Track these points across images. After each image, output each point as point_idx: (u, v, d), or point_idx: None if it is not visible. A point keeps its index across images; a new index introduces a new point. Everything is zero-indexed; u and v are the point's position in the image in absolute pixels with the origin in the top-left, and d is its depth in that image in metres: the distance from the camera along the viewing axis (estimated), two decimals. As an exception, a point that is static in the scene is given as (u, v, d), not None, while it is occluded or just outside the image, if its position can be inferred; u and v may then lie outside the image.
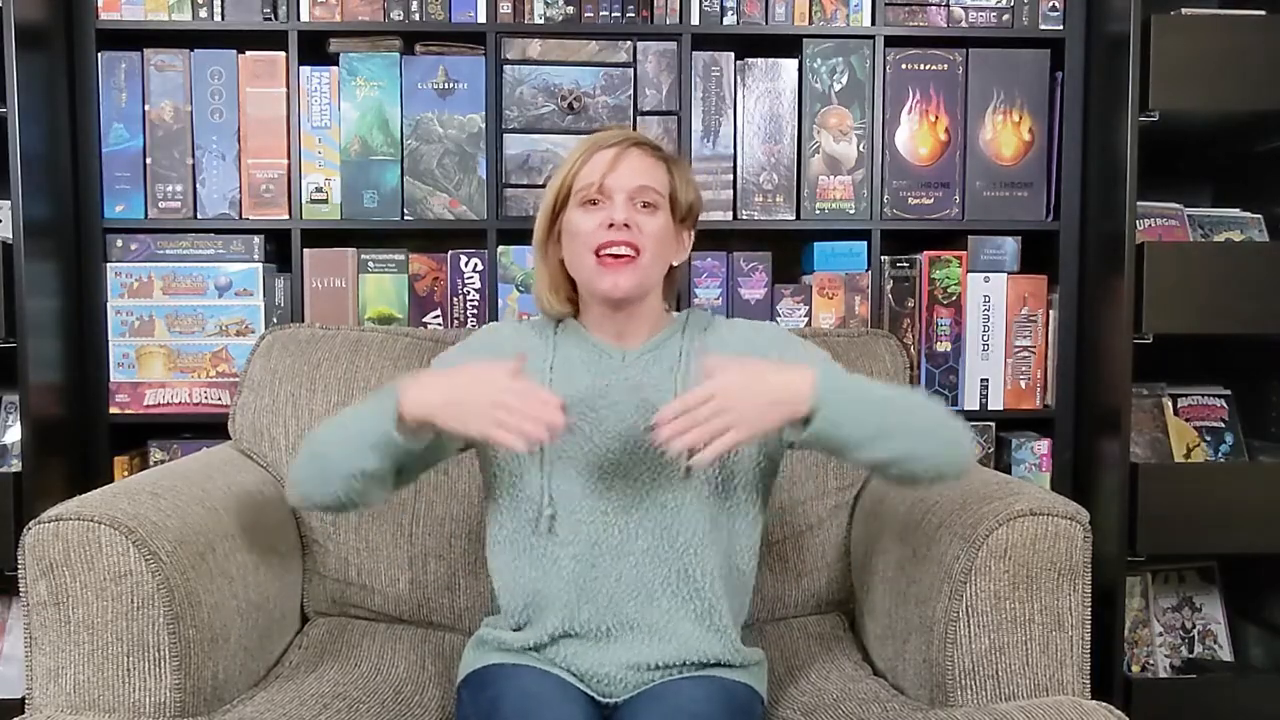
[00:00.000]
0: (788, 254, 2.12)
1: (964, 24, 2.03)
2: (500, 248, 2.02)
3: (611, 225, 1.29)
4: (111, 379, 1.98)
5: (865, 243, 2.04)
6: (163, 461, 1.96)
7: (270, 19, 1.98)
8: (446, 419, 1.19)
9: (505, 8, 2.00)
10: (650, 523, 1.29)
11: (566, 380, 1.34)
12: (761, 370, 1.20)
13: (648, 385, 1.34)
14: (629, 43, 2.00)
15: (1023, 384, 2.05)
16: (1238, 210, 2.13)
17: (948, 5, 2.03)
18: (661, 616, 1.29)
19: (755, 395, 1.16)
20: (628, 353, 1.36)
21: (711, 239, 2.02)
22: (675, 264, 1.39)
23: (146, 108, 1.98)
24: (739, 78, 2.03)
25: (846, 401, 1.18)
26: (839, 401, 1.17)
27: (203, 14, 1.97)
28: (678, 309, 1.56)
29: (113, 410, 1.98)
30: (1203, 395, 2.10)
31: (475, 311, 2.02)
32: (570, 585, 1.29)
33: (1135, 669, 2.08)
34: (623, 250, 1.29)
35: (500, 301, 2.02)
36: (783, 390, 1.17)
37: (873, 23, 2.03)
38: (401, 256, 2.02)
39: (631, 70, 2.00)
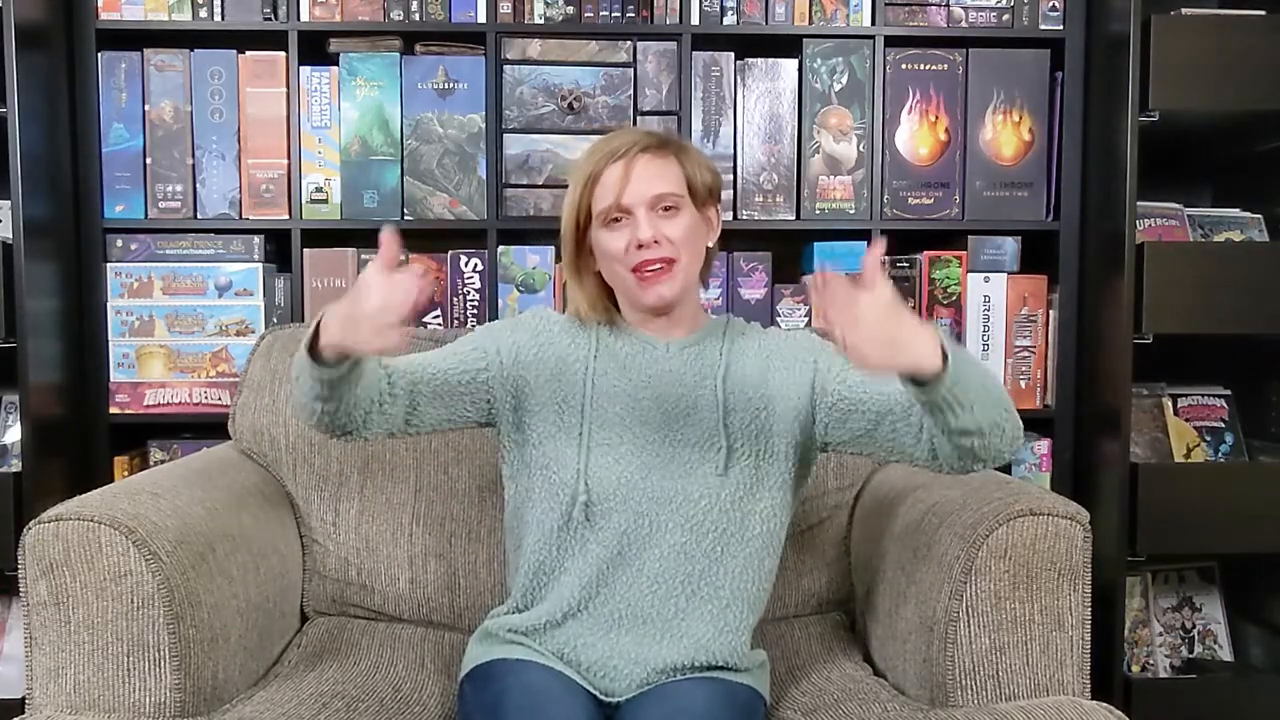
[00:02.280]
0: (788, 254, 2.11)
1: (964, 24, 2.03)
2: (500, 248, 2.01)
3: (641, 246, 1.29)
4: (111, 379, 1.98)
5: (865, 243, 2.04)
6: (163, 461, 1.96)
7: (270, 19, 1.98)
8: (348, 341, 1.10)
9: (505, 8, 2.00)
10: (681, 518, 1.29)
11: (609, 371, 1.34)
12: (902, 314, 1.09)
13: (690, 379, 1.34)
14: (629, 43, 2.00)
15: (1023, 384, 2.05)
16: (1238, 210, 2.13)
17: (948, 5, 2.03)
18: (675, 614, 1.29)
19: (891, 331, 1.07)
20: (671, 344, 1.37)
21: (711, 239, 2.02)
22: (710, 244, 1.39)
23: (146, 108, 1.98)
24: (739, 78, 2.03)
25: (964, 362, 1.12)
26: (961, 361, 1.10)
27: (203, 14, 1.97)
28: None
29: (113, 410, 1.98)
30: (1203, 395, 2.10)
31: (475, 311, 2.02)
32: (591, 570, 1.29)
33: (1135, 669, 2.08)
34: (658, 266, 1.30)
35: (500, 301, 2.02)
36: (915, 341, 1.08)
37: (873, 23, 2.03)
38: (401, 256, 2.01)
39: (631, 70, 2.00)
